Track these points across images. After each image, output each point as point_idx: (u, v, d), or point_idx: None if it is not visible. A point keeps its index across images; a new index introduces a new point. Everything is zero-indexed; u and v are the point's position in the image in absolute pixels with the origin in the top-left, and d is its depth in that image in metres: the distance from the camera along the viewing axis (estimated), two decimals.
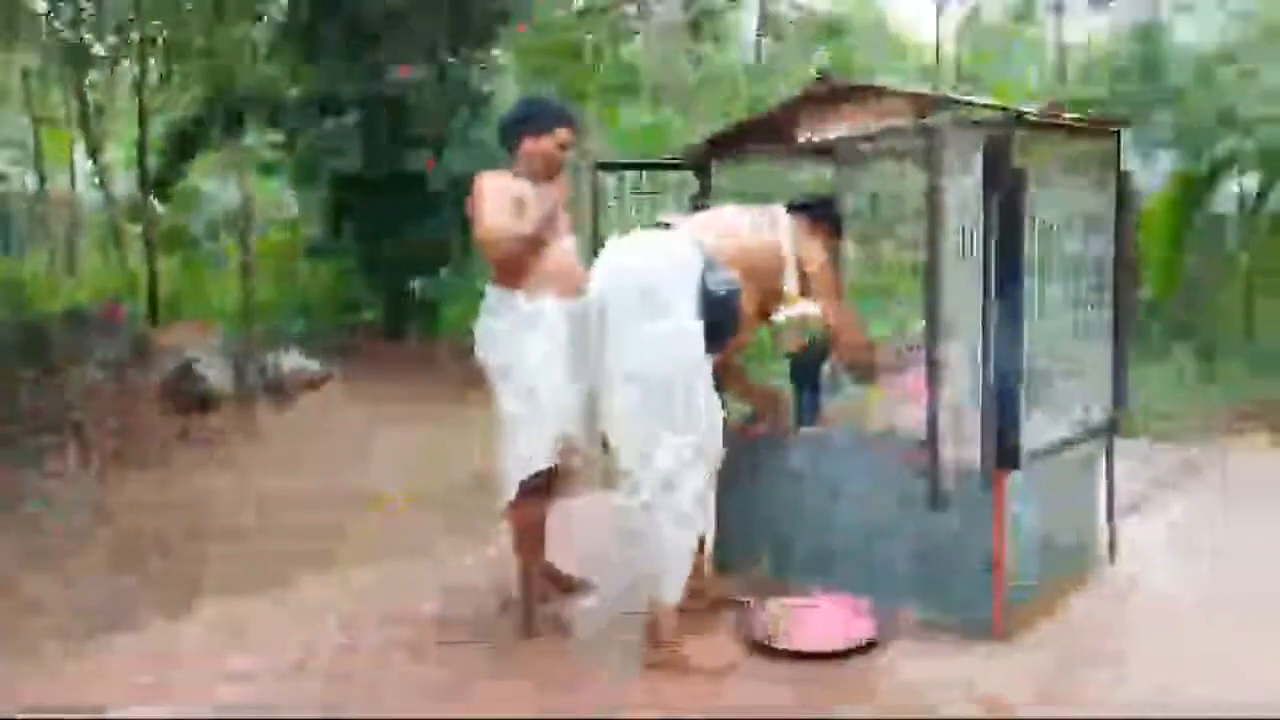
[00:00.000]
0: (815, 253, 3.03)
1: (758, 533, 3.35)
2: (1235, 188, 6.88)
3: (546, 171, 3.07)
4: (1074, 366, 3.22)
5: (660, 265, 2.71)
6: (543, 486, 3.02)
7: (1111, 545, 3.53)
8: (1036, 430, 2.94)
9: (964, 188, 2.58)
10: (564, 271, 2.99)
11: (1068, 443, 3.19)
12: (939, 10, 17.45)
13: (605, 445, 2.94)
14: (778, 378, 3.52)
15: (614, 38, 13.76)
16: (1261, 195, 7.18)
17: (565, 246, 3.07)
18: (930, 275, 2.43)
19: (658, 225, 2.93)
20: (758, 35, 16.03)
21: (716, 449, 2.83)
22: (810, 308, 2.92)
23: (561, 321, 2.94)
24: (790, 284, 2.90)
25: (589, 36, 13.31)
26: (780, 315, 2.89)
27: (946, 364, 2.52)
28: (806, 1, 16.42)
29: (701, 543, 2.92)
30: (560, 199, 3.00)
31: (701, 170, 3.48)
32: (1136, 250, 8.11)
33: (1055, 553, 3.22)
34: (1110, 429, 3.45)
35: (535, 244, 2.91)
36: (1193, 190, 7.83)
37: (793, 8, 16.20)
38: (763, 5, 15.70)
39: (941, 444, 2.55)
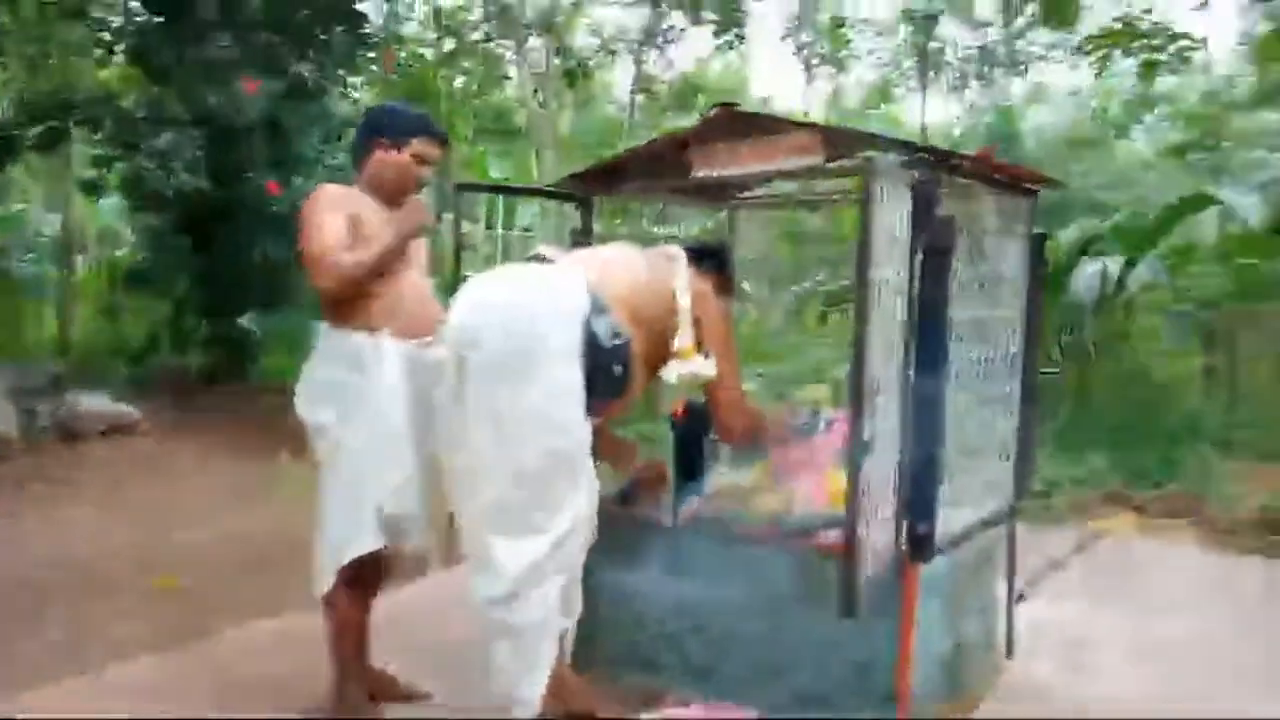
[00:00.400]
0: (710, 303, 2.62)
1: (630, 631, 2.86)
2: (1099, 267, 6.96)
3: (399, 189, 2.58)
4: (978, 446, 2.91)
5: (538, 305, 2.22)
6: (367, 576, 2.46)
7: (1009, 641, 3.23)
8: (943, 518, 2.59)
9: (886, 238, 2.22)
10: (413, 308, 2.48)
11: (979, 529, 2.87)
12: (808, 81, 17.91)
13: (453, 524, 2.41)
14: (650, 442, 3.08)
15: (487, 81, 13.37)
16: (1121, 280, 7.32)
17: (416, 280, 2.56)
18: (859, 334, 2.04)
19: (533, 259, 2.46)
20: (631, 93, 15.96)
21: (589, 533, 2.35)
22: (705, 366, 2.50)
23: (404, 369, 2.42)
24: (684, 337, 2.47)
25: (460, 79, 12.88)
26: (671, 372, 2.44)
27: (872, 439, 2.12)
28: (678, 62, 16.49)
29: (564, 642, 2.43)
30: (414, 223, 2.50)
31: (584, 204, 3.03)
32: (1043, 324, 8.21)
33: (965, 656, 2.87)
34: (1012, 516, 3.16)
35: (377, 272, 2.39)
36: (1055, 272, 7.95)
37: (665, 68, 16.22)
38: (637, 64, 15.66)
39: (864, 534, 2.14)
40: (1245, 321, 10.21)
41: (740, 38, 13.24)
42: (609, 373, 2.23)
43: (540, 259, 2.41)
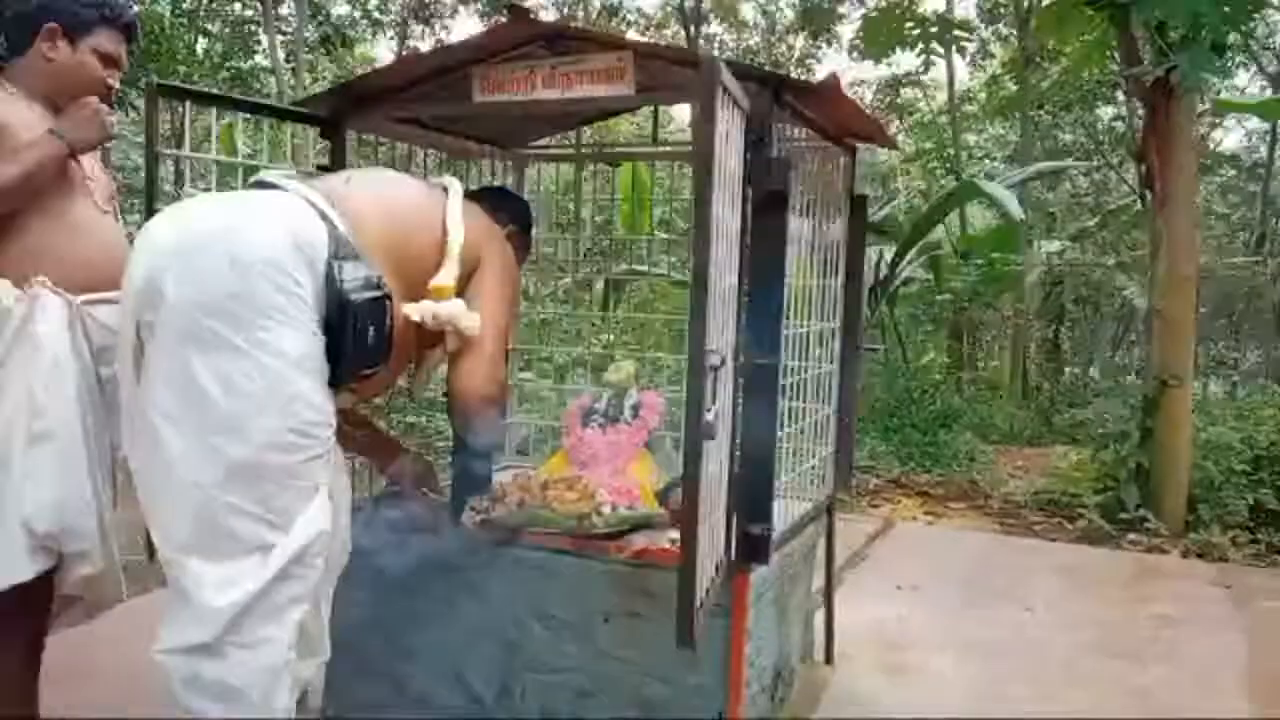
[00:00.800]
0: (497, 247, 2.10)
1: (399, 673, 2.29)
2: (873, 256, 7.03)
3: (73, 93, 1.88)
4: (801, 429, 2.57)
5: (251, 244, 1.60)
6: (26, 610, 1.77)
7: (829, 646, 2.93)
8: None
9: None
10: (87, 252, 1.81)
11: (805, 524, 2.54)
12: None
13: (151, 551, 1.75)
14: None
15: (234, 46, 12.01)
16: (892, 272, 7.44)
17: (92, 216, 1.88)
18: (699, 283, 1.60)
19: (256, 185, 1.83)
20: None
21: (336, 551, 1.77)
22: (464, 314, 1.94)
23: (70, 335, 1.75)
24: (446, 273, 1.91)
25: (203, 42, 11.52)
26: (417, 310, 1.86)
27: (716, 419, 1.68)
28: (447, 40, 15.66)
29: (307, 698, 1.84)
30: (85, 131, 1.82)
31: (331, 132, 2.40)
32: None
33: (789, 670, 2.53)
34: (831, 508, 2.86)
35: (27, 194, 1.70)
36: None
37: (434, 46, 15.34)
38: (401, 40, 14.71)
39: (704, 540, 1.70)
40: (984, 315, 10.95)
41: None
42: (359, 337, 1.66)
43: (265, 186, 1.79)
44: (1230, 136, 14.19)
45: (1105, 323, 12.76)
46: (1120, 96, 12.36)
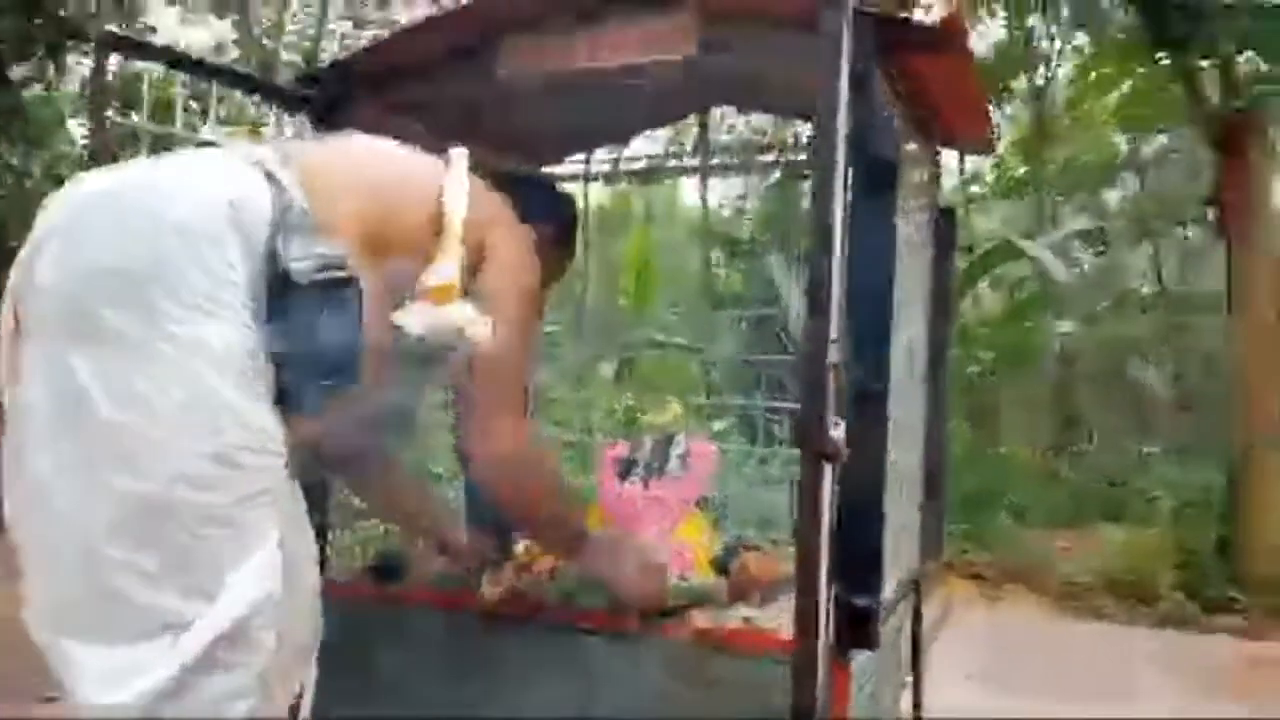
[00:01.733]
0: (513, 238, 1.62)
1: None
2: None
3: None
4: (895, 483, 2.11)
5: (169, 205, 1.16)
6: None
7: None
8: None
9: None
10: None
11: (902, 598, 2.05)
12: None
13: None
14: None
15: None
16: None
17: None
18: (817, 269, 1.17)
19: (202, 146, 1.40)
20: None
21: (300, 626, 1.27)
22: (472, 320, 1.46)
23: None
24: (446, 266, 1.44)
25: None
26: (411, 318, 1.40)
27: (837, 445, 1.23)
28: None
29: None
30: None
31: (321, 117, 1.96)
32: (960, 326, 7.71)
33: None
34: (918, 587, 2.36)
35: None
36: None
37: None
38: None
39: (826, 617, 1.23)
40: (1005, 394, 10.54)
41: None
42: (311, 335, 1.21)
43: (209, 145, 1.35)
44: None
45: (1119, 407, 12.35)
46: (1127, 176, 12.24)
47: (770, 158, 2.82)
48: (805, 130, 2.55)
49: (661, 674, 1.68)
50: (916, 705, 2.38)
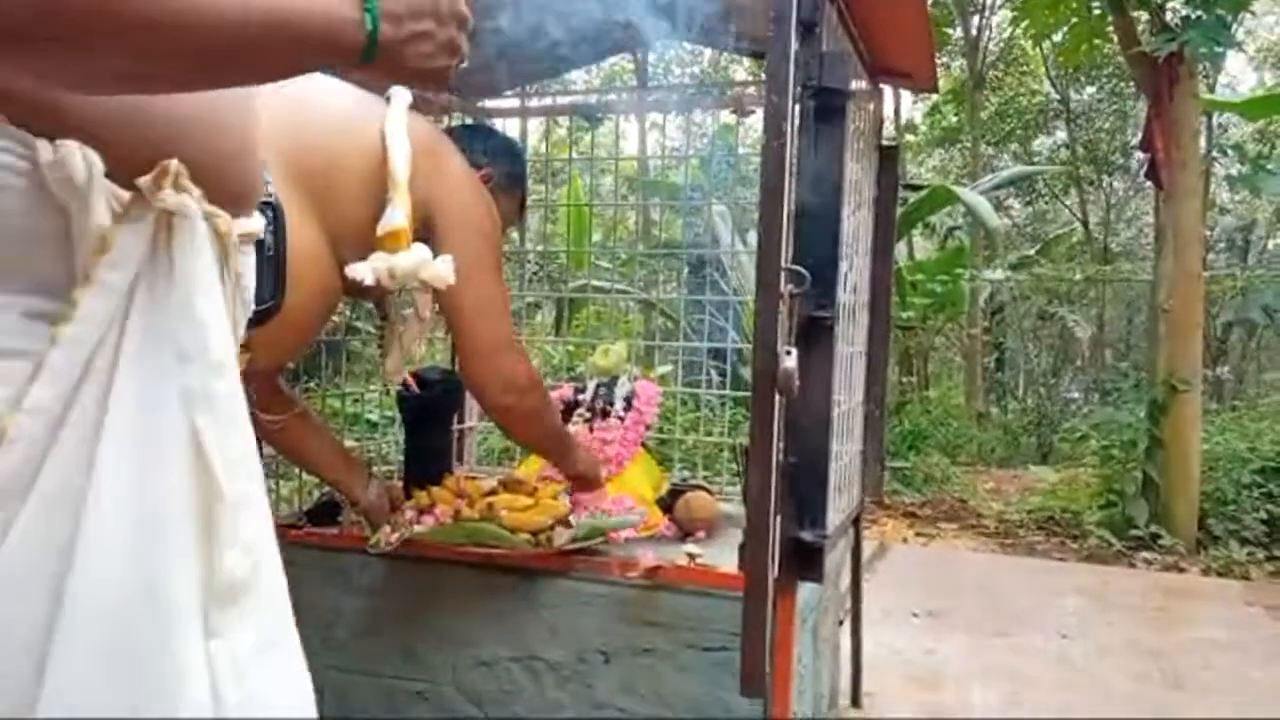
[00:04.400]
0: (463, 180, 1.59)
1: None
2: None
3: None
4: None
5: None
6: None
7: (856, 686, 2.45)
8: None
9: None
10: None
11: (842, 535, 2.07)
12: None
13: None
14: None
15: None
16: None
17: None
18: (769, 202, 1.14)
19: None
20: None
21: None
22: (433, 264, 1.43)
23: None
24: (396, 212, 1.40)
25: None
26: (366, 269, 1.36)
27: (790, 376, 1.21)
28: None
29: None
30: None
31: None
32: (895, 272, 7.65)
33: (820, 712, 2.05)
34: (857, 522, 2.39)
35: None
36: None
37: None
38: None
39: (771, 552, 1.22)
40: (934, 340, 10.73)
41: None
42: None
43: None
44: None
45: (1044, 351, 12.66)
46: (1061, 125, 12.41)
47: (711, 95, 2.77)
48: (742, 73, 2.51)
49: (608, 612, 1.67)
50: (855, 644, 2.43)
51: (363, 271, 1.38)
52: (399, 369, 1.73)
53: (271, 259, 1.17)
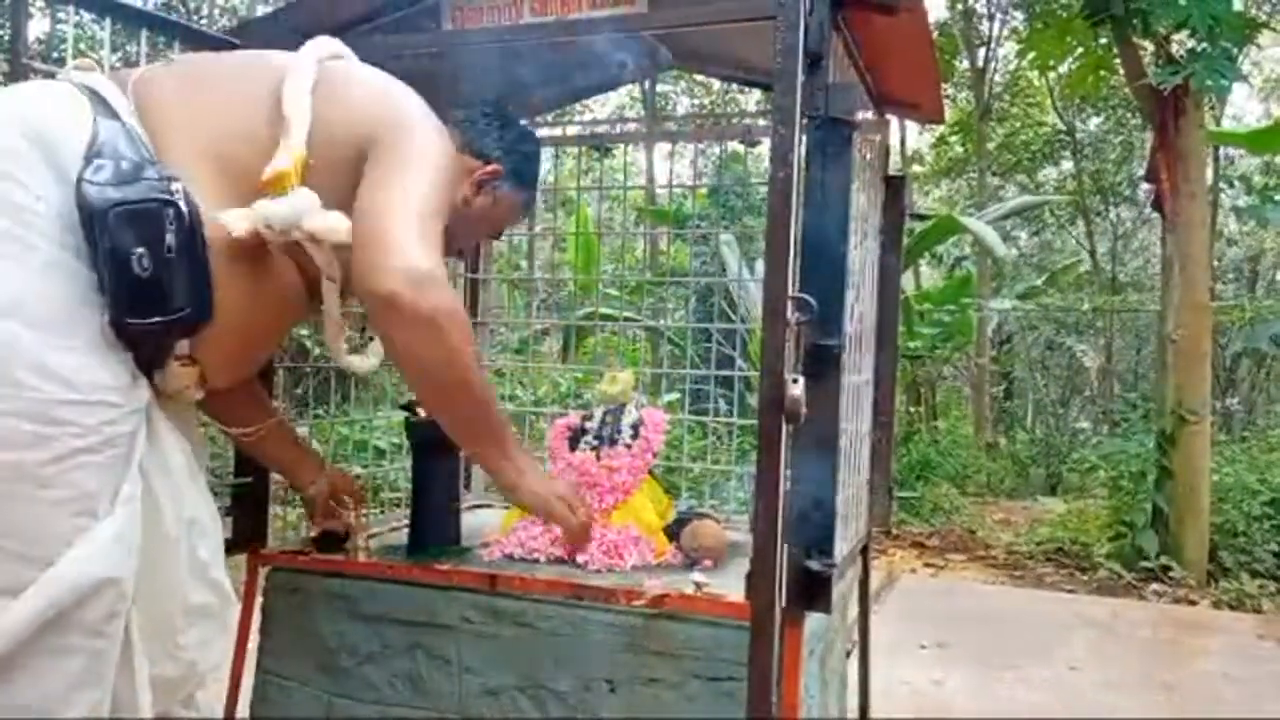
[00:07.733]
0: (401, 130, 1.32)
1: None
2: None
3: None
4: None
5: None
6: None
7: (863, 715, 2.43)
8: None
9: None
10: None
11: (849, 564, 2.05)
12: None
13: None
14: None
15: None
16: None
17: None
18: (775, 229, 1.15)
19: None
20: None
21: (160, 608, 1.18)
22: (311, 207, 1.23)
23: None
24: (281, 156, 1.23)
25: None
26: (240, 218, 1.19)
27: (797, 403, 1.22)
28: None
29: None
30: None
31: None
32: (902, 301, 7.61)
33: None
34: (865, 552, 2.38)
35: None
36: None
37: None
38: None
39: (779, 582, 1.22)
40: (942, 370, 10.73)
41: None
42: (121, 264, 1.09)
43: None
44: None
45: (1052, 381, 12.65)
46: (1067, 156, 12.46)
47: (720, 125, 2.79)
48: (751, 103, 2.53)
49: (615, 642, 1.66)
50: (863, 675, 2.40)
51: (236, 219, 1.19)
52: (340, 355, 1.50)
53: (182, 262, 1.13)
